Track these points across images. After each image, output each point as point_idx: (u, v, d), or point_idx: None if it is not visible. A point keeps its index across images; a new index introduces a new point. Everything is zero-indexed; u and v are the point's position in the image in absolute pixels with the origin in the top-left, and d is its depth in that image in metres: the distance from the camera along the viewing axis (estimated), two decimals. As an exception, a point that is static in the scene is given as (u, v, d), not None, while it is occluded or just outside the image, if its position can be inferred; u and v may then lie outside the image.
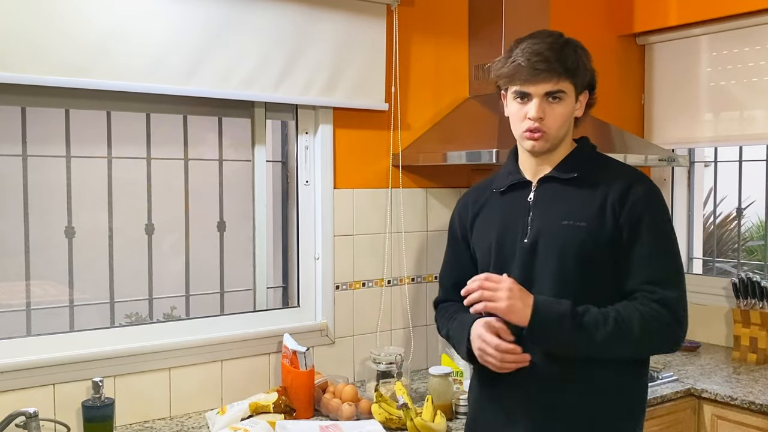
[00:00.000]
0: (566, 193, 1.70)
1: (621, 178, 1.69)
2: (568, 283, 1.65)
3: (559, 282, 1.65)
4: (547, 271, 1.66)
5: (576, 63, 1.66)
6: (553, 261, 1.66)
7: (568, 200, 1.69)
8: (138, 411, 2.25)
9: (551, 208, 1.70)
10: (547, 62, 1.62)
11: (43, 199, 2.33)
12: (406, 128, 2.78)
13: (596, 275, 1.66)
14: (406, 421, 2.13)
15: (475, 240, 1.84)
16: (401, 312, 2.80)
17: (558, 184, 1.72)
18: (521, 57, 1.64)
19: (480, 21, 2.88)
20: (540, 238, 1.68)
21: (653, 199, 1.68)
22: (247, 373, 2.45)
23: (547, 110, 1.65)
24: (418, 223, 2.84)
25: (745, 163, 3.36)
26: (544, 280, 1.67)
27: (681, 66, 3.40)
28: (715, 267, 3.79)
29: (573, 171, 1.71)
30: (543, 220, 1.70)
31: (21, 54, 1.98)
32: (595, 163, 1.75)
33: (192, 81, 2.24)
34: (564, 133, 1.72)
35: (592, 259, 1.64)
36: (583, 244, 1.64)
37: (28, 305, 2.26)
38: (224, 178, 2.57)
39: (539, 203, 1.72)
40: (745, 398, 2.49)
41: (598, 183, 1.69)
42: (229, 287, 2.60)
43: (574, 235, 1.65)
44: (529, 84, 1.64)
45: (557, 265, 1.65)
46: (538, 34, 1.68)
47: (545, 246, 1.67)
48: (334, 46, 2.51)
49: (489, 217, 1.82)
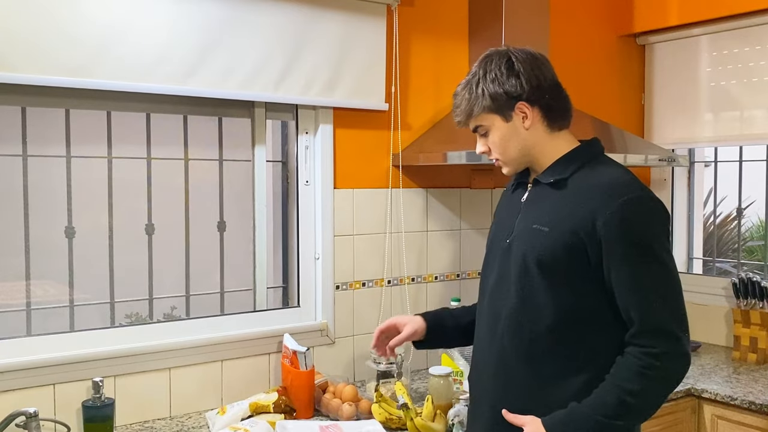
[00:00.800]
0: (547, 197, 1.68)
1: (599, 193, 1.58)
2: (529, 286, 1.63)
3: (521, 284, 1.65)
4: (513, 273, 1.67)
5: (478, 94, 1.67)
6: (518, 263, 1.66)
7: (545, 204, 1.67)
8: (138, 411, 2.25)
9: (532, 211, 1.70)
10: (458, 108, 1.73)
11: (43, 199, 2.33)
12: (406, 128, 2.78)
13: (558, 281, 1.59)
14: (406, 421, 2.13)
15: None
16: (401, 312, 2.79)
17: (545, 187, 1.70)
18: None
19: (480, 21, 2.88)
20: (515, 239, 1.69)
21: (627, 223, 1.53)
22: (247, 373, 2.45)
23: (487, 142, 1.73)
24: (418, 223, 2.84)
25: (745, 163, 3.36)
26: (510, 283, 1.68)
27: (681, 66, 3.40)
28: (715, 267, 3.79)
29: (557, 175, 1.67)
30: (523, 222, 1.70)
31: (21, 54, 1.98)
32: (584, 169, 1.66)
33: (192, 81, 2.24)
34: (518, 151, 1.69)
35: (550, 264, 1.59)
36: (542, 249, 1.60)
37: (28, 305, 2.26)
38: (224, 178, 2.57)
39: (527, 205, 1.73)
40: (745, 398, 2.49)
41: (578, 191, 1.62)
42: (229, 287, 2.60)
43: (536, 240, 1.63)
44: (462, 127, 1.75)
45: (521, 267, 1.65)
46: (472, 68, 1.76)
47: (516, 248, 1.68)
48: (334, 46, 2.51)
49: (497, 213, 1.89)
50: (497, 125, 1.68)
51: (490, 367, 1.71)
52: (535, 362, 1.63)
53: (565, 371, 1.61)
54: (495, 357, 1.69)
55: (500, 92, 1.65)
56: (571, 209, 1.60)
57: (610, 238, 1.54)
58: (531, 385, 1.64)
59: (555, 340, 1.61)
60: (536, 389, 1.63)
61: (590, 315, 1.60)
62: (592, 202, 1.57)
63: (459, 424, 2.14)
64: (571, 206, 1.60)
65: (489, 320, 1.73)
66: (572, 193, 1.63)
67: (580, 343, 1.60)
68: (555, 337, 1.60)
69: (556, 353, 1.61)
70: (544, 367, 1.62)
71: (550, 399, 1.60)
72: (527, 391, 1.64)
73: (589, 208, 1.57)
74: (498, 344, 1.68)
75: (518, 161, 1.72)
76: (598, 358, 1.59)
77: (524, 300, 1.64)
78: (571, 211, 1.59)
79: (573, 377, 1.60)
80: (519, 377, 1.65)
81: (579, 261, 1.57)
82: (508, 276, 1.68)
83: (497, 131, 1.69)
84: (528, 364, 1.63)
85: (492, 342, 1.70)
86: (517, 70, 1.65)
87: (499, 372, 1.69)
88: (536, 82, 1.65)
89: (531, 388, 1.64)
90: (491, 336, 1.71)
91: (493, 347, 1.70)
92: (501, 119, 1.68)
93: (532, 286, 1.62)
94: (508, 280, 1.68)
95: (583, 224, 1.56)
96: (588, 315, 1.60)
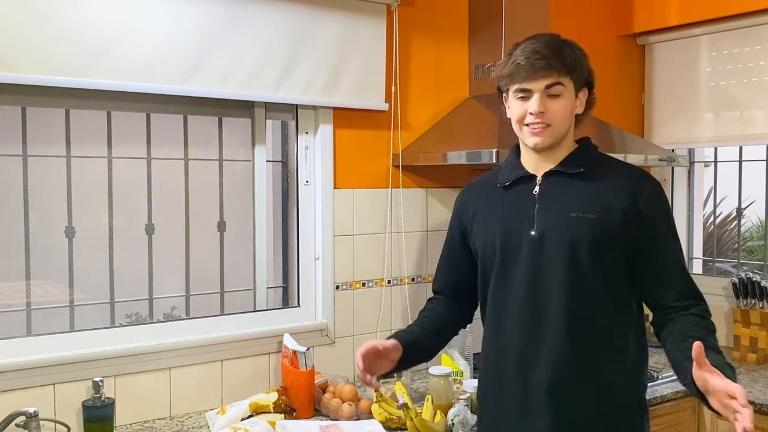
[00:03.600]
0: (572, 187, 1.73)
1: (629, 177, 1.73)
2: (581, 273, 1.67)
3: (571, 272, 1.67)
4: (558, 263, 1.68)
5: (573, 59, 1.69)
6: (564, 252, 1.68)
7: (575, 193, 1.72)
8: (138, 411, 2.25)
9: (558, 201, 1.72)
10: (545, 59, 1.66)
11: (43, 199, 2.33)
12: (406, 128, 2.78)
13: (606, 266, 1.69)
14: (406, 421, 2.13)
15: (476, 235, 1.84)
16: (401, 312, 2.80)
17: (564, 178, 1.74)
18: (521, 56, 1.68)
19: (480, 21, 2.88)
20: (548, 230, 1.70)
21: (662, 201, 1.74)
22: (247, 373, 2.45)
23: (548, 105, 1.68)
24: (418, 223, 2.84)
25: (745, 163, 3.36)
26: (556, 272, 1.68)
27: (681, 66, 3.40)
28: (715, 267, 3.79)
29: (579, 166, 1.74)
30: (550, 213, 1.71)
31: (21, 54, 1.98)
32: (599, 161, 1.78)
33: (192, 81, 2.24)
34: (566, 129, 1.74)
35: (602, 250, 1.68)
36: (593, 236, 1.67)
37: (28, 305, 2.26)
38: (224, 178, 2.57)
39: (545, 196, 1.74)
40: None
41: (604, 178, 1.73)
42: (229, 287, 2.60)
43: (584, 227, 1.68)
44: (529, 81, 1.67)
45: (569, 255, 1.67)
46: (535, 36, 1.73)
47: (554, 238, 1.69)
48: (334, 46, 2.51)
49: (492, 211, 1.83)
50: (569, 96, 1.71)
51: (540, 361, 1.69)
52: (592, 342, 1.68)
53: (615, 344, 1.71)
54: (548, 348, 1.68)
55: (589, 70, 1.75)
56: (610, 195, 1.69)
57: (652, 215, 1.69)
58: (593, 365, 1.68)
59: (605, 319, 1.69)
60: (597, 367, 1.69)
61: (624, 291, 1.72)
62: (626, 186, 1.70)
63: (459, 424, 2.14)
64: (608, 192, 1.70)
65: (531, 313, 1.71)
66: (600, 180, 1.73)
67: (619, 317, 1.72)
68: (605, 316, 1.69)
69: (607, 330, 1.70)
70: (598, 346, 1.69)
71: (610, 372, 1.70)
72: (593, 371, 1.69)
73: (628, 192, 1.69)
74: (550, 335, 1.68)
75: (559, 136, 1.73)
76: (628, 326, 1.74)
77: (574, 286, 1.67)
78: (611, 197, 1.69)
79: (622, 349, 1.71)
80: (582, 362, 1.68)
81: (625, 241, 1.68)
82: (548, 266, 1.69)
83: (568, 100, 1.70)
84: (586, 347, 1.68)
85: (540, 334, 1.69)
86: (588, 60, 1.75)
87: (556, 366, 1.68)
88: (593, 80, 1.77)
89: (595, 367, 1.68)
90: (537, 329, 1.70)
91: (542, 339, 1.69)
92: (573, 92, 1.72)
93: (582, 272, 1.67)
94: (551, 270, 1.69)
95: (627, 206, 1.68)
96: (623, 291, 1.72)
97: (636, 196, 1.69)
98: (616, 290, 1.70)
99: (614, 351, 1.71)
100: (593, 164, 1.75)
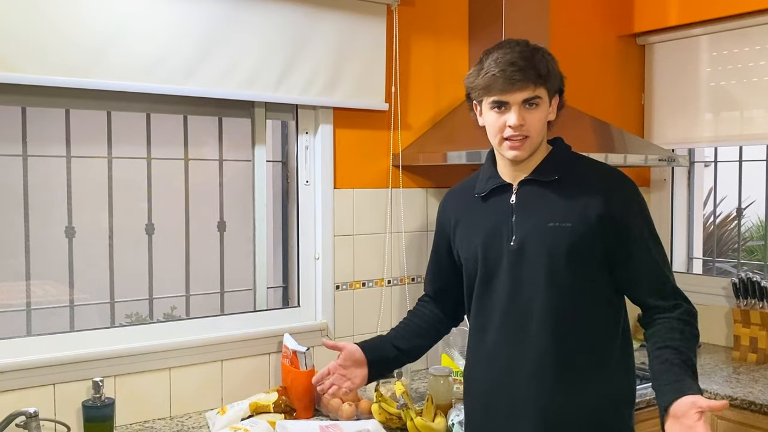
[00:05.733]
0: (548, 196, 1.72)
1: (603, 180, 1.73)
2: (561, 282, 1.68)
3: (552, 281, 1.68)
4: (538, 273, 1.69)
5: (547, 68, 1.68)
6: (543, 263, 1.68)
7: (551, 202, 1.72)
8: (138, 411, 2.25)
9: (534, 211, 1.72)
10: (521, 71, 1.64)
11: (43, 199, 2.33)
12: (406, 128, 2.78)
13: (586, 273, 1.70)
14: (406, 421, 2.13)
15: (459, 246, 1.86)
16: (401, 312, 2.79)
17: (538, 187, 1.74)
18: (495, 68, 1.65)
19: (480, 21, 2.88)
20: (526, 241, 1.71)
21: (637, 202, 1.74)
22: (247, 373, 2.45)
23: (526, 117, 1.67)
24: (418, 223, 2.84)
25: (745, 163, 3.36)
26: (536, 283, 1.69)
27: (681, 66, 3.40)
28: (715, 267, 3.79)
29: (553, 173, 1.73)
30: (528, 223, 1.72)
31: (21, 54, 1.98)
32: (574, 165, 1.77)
33: (192, 81, 2.24)
34: (542, 138, 1.74)
35: (581, 257, 1.68)
36: (571, 245, 1.67)
37: (28, 305, 2.26)
38: (224, 178, 2.57)
39: (522, 206, 1.74)
40: (745, 398, 2.49)
41: (579, 184, 1.72)
42: (229, 287, 2.60)
43: (561, 236, 1.68)
44: (506, 93, 1.66)
45: (548, 266, 1.68)
46: (506, 44, 1.70)
47: (533, 249, 1.70)
48: (334, 46, 2.51)
49: (472, 222, 1.84)
50: (544, 106, 1.70)
51: (525, 370, 1.71)
52: (578, 348, 1.70)
53: (600, 348, 1.72)
54: (532, 357, 1.70)
55: (560, 76, 1.73)
56: (585, 201, 1.69)
57: (628, 217, 1.69)
58: (582, 370, 1.70)
59: (589, 322, 1.71)
60: (585, 373, 1.70)
61: (608, 294, 1.73)
62: (601, 190, 1.70)
63: (459, 424, 2.14)
64: (583, 198, 1.69)
65: (514, 322, 1.72)
66: (574, 186, 1.71)
67: (603, 322, 1.73)
68: (588, 320, 1.70)
69: (592, 334, 1.71)
70: (584, 350, 1.70)
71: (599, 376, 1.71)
72: (582, 375, 1.70)
73: (602, 196, 1.69)
74: (533, 343, 1.69)
75: (536, 146, 1.72)
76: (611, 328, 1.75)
77: (557, 293, 1.68)
78: (586, 203, 1.69)
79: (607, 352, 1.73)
80: (568, 368, 1.69)
81: (603, 246, 1.68)
82: (529, 276, 1.70)
83: (543, 111, 1.70)
84: (572, 353, 1.69)
85: (524, 343, 1.71)
86: (558, 64, 1.73)
87: (541, 371, 1.69)
88: (563, 85, 1.76)
89: (582, 372, 1.70)
90: (522, 337, 1.71)
91: (526, 348, 1.70)
92: (548, 102, 1.71)
93: (562, 279, 1.68)
94: (532, 280, 1.69)
95: (603, 211, 1.67)
96: (607, 295, 1.73)
97: (610, 199, 1.69)
98: (598, 296, 1.72)
99: (599, 355, 1.72)
100: (567, 169, 1.75)
